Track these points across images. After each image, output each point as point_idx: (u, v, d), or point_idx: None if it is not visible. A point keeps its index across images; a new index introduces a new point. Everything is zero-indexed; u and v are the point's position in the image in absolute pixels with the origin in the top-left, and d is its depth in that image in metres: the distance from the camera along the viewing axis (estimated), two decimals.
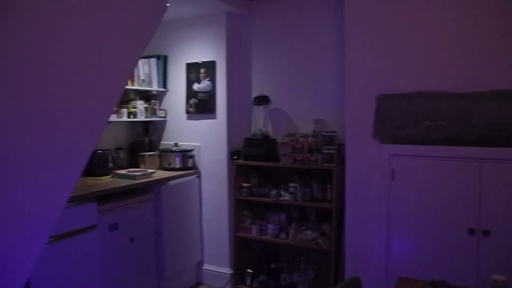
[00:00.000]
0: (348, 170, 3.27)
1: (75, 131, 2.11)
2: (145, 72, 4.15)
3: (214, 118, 4.10)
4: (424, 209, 2.92)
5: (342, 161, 3.50)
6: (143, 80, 4.14)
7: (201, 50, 4.14)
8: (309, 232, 3.61)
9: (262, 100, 3.95)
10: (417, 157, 2.93)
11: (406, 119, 2.97)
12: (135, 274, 3.43)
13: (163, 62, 4.32)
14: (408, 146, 2.96)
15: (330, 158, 3.51)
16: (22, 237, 1.95)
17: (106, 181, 3.49)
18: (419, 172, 2.94)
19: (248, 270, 3.99)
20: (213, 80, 4.07)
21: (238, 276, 4.05)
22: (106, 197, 3.18)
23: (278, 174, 3.97)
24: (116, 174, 3.67)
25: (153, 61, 4.25)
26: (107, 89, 2.27)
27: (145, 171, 3.78)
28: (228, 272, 4.11)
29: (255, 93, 4.12)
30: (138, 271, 3.47)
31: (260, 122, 4.04)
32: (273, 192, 3.76)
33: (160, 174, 3.86)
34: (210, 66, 4.08)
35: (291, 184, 3.66)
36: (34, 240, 2.02)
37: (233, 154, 4.01)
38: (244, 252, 4.11)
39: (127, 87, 3.87)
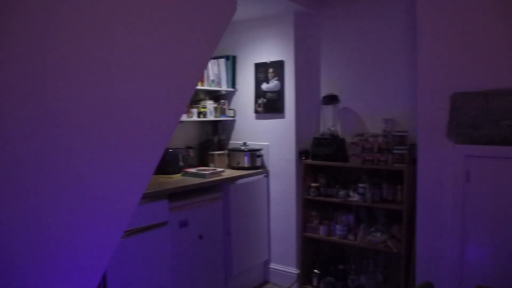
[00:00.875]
0: (420, 171, 3.15)
1: (149, 131, 2.20)
2: (214, 73, 4.23)
3: (283, 117, 4.10)
4: (502, 213, 2.75)
5: (413, 162, 3.38)
6: (213, 81, 4.22)
7: (269, 50, 4.16)
8: (378, 234, 3.52)
9: (331, 99, 3.90)
10: (496, 159, 2.77)
11: (483, 119, 2.81)
12: (203, 270, 3.50)
13: (231, 62, 4.38)
14: (485, 147, 2.80)
15: (401, 158, 3.40)
16: (100, 231, 2.05)
17: (177, 179, 3.59)
18: (497, 175, 2.77)
19: (315, 270, 3.95)
20: (281, 79, 4.07)
21: (304, 276, 4.02)
22: (177, 194, 3.27)
23: (346, 174, 3.90)
24: (186, 172, 3.77)
25: (222, 61, 4.32)
26: (178, 91, 2.33)
27: (215, 169, 3.85)
28: (295, 272, 4.10)
29: (323, 92, 4.07)
30: (207, 267, 3.54)
31: (328, 121, 3.99)
32: (342, 192, 3.70)
33: (229, 173, 3.92)
34: (278, 66, 4.08)
35: (360, 185, 3.58)
36: (111, 234, 2.13)
37: (301, 154, 3.99)
38: (311, 252, 4.08)
39: (197, 87, 3.95)
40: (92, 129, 1.90)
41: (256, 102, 4.26)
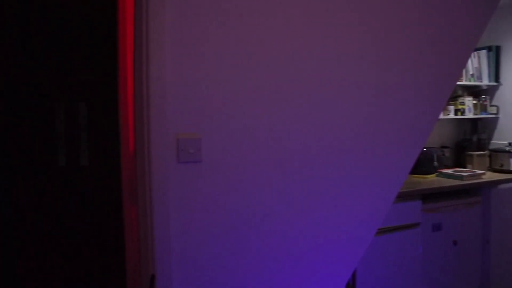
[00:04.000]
0: None
1: (406, 130, 2.15)
2: (474, 66, 3.88)
3: None
4: None
5: None
6: (472, 75, 3.88)
7: None
8: None
9: None
10: None
11: None
12: (456, 279, 3.26)
13: (495, 53, 3.95)
14: None
15: None
16: (354, 227, 2.09)
17: (431, 180, 3.43)
18: None
19: None
20: None
21: None
22: (430, 195, 3.13)
23: None
24: (441, 173, 3.57)
25: (483, 53, 3.93)
26: (437, 89, 2.22)
27: (473, 171, 3.54)
28: None
29: None
30: (460, 276, 3.29)
31: None
32: None
33: (489, 176, 3.55)
34: None
35: None
36: (365, 232, 2.15)
37: None
38: None
39: None
40: (350, 130, 1.97)
41: None
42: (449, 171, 3.56)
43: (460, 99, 3.86)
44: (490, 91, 4.06)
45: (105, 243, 3.06)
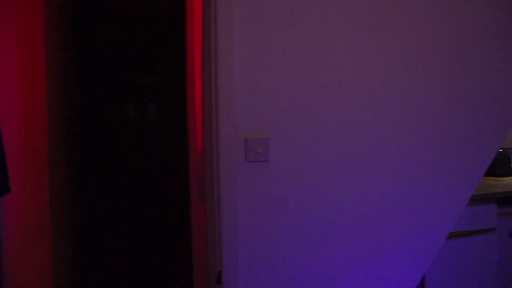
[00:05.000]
0: None
1: (482, 129, 2.06)
2: None
3: None
4: None
5: None
6: None
7: None
8: None
9: None
10: None
11: None
12: None
13: None
14: None
15: None
16: (425, 230, 2.03)
17: (507, 183, 3.25)
18: None
19: None
20: None
21: None
22: (507, 199, 2.96)
23: None
24: None
25: None
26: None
27: None
28: None
29: None
30: None
31: None
32: None
33: None
34: None
35: None
36: (436, 235, 2.07)
37: None
38: None
39: None
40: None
41: None
42: None
43: None
44: None
45: (173, 239, 3.16)
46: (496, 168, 3.37)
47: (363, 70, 1.80)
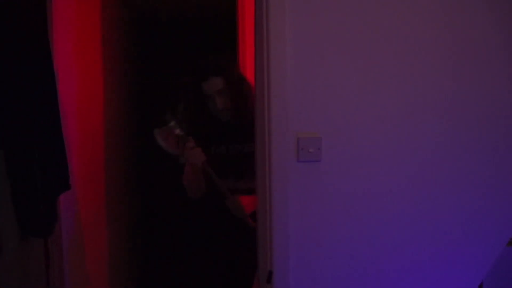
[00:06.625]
0: None
1: None
2: None
3: None
4: None
5: None
6: None
7: None
8: None
9: None
10: None
11: None
12: None
13: None
14: None
15: None
16: (484, 234, 1.94)
17: None
18: None
19: None
20: None
21: None
22: None
23: None
24: None
25: None
26: None
27: None
28: None
29: None
30: None
31: None
32: None
33: None
34: None
35: None
36: (495, 240, 1.99)
37: None
38: None
39: None
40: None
41: None
42: None
43: None
44: None
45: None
46: None
47: (428, 74, 1.74)
